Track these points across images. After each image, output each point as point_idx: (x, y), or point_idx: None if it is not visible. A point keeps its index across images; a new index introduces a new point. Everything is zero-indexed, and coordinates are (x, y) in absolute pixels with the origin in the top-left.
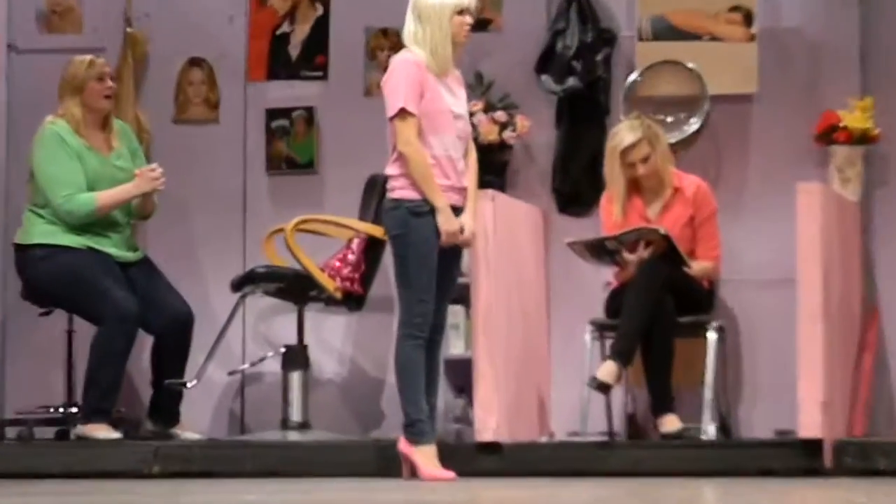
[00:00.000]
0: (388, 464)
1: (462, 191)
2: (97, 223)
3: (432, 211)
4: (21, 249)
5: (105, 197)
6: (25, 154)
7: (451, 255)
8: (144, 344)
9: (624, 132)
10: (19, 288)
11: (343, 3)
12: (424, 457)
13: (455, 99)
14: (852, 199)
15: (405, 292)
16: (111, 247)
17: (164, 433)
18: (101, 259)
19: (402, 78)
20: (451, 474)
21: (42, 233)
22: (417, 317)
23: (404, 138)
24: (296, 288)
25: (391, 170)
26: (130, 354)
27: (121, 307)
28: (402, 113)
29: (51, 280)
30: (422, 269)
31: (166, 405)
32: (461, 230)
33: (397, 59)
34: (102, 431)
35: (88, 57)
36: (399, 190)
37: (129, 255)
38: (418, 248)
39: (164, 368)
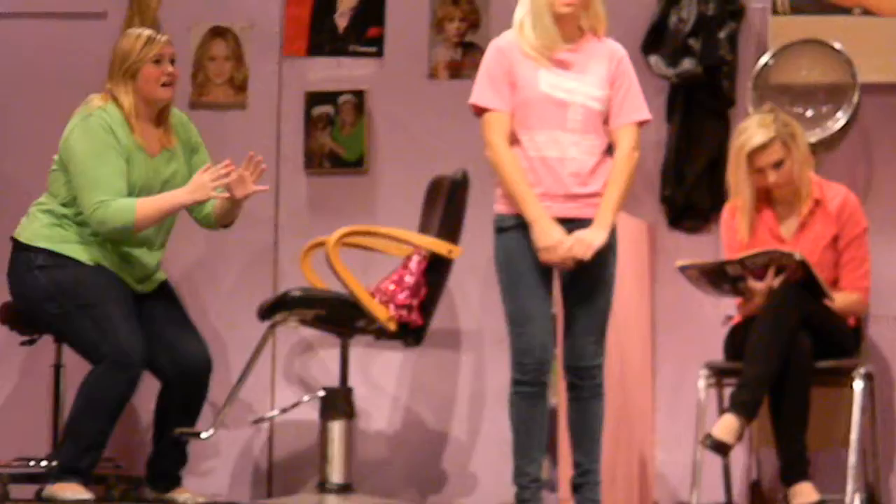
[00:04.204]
0: None
1: (574, 198)
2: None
3: (520, 225)
4: (20, 248)
5: (147, 206)
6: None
7: (583, 275)
8: (154, 390)
9: (753, 129)
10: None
11: None
12: None
13: (566, 80)
14: None
15: (507, 327)
16: (129, 277)
17: (163, 500)
18: (113, 283)
19: (482, 66)
20: None
21: (51, 236)
22: (519, 354)
23: (485, 140)
24: (339, 316)
25: None
26: (128, 404)
27: (123, 349)
28: (476, 109)
29: (45, 296)
30: (511, 296)
31: (166, 467)
32: (560, 245)
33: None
34: (71, 491)
35: (146, 32)
36: (495, 203)
37: (154, 283)
38: (504, 272)
39: (169, 424)
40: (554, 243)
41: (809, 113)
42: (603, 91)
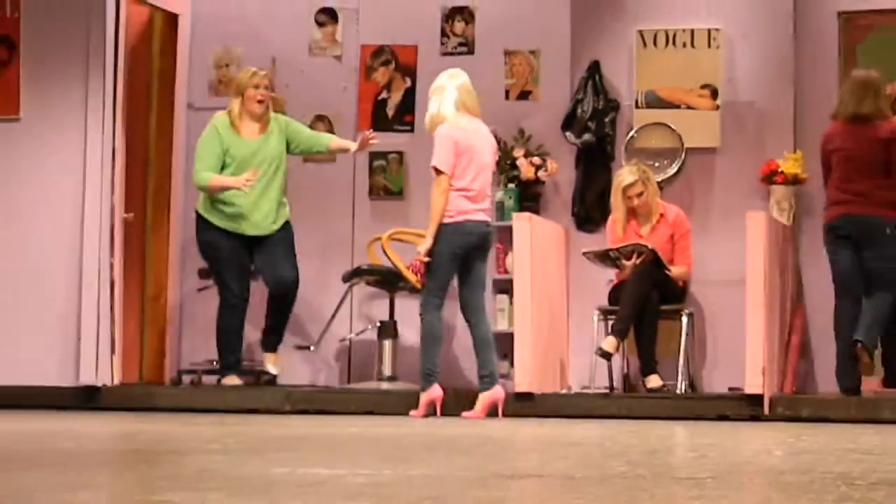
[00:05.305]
0: (452, 408)
1: None
2: (247, 199)
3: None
4: (196, 213)
5: (214, 180)
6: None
7: None
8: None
9: (625, 174)
10: (196, 272)
11: (424, 79)
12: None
13: None
14: (787, 224)
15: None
16: (250, 227)
17: (258, 371)
18: (231, 246)
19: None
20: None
21: (204, 205)
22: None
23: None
24: (389, 280)
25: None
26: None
27: (231, 295)
28: None
29: (201, 252)
30: None
31: (271, 340)
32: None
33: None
34: (229, 381)
35: (254, 68)
36: None
37: (272, 227)
38: None
39: (271, 317)
40: None
41: (657, 164)
42: None
